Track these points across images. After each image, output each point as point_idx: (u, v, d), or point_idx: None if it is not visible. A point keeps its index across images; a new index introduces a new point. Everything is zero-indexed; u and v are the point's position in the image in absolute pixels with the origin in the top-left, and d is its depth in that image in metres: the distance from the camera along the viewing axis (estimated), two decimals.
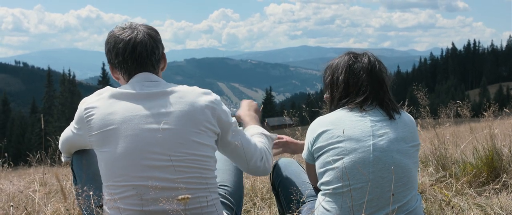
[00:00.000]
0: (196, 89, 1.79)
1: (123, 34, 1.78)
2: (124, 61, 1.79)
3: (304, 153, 1.98)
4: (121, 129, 1.66)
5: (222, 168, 2.11)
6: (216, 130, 1.78)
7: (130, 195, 1.63)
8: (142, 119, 1.67)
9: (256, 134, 2.05)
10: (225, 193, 2.01)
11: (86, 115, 1.71)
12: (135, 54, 1.78)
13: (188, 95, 1.74)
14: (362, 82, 1.88)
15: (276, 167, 2.24)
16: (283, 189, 2.14)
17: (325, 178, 1.83)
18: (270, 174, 2.27)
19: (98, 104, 1.71)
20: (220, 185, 2.03)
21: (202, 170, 1.71)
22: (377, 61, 1.94)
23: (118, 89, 1.75)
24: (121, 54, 1.79)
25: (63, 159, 2.16)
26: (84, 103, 1.75)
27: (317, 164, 1.88)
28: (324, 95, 2.06)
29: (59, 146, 2.06)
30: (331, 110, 1.96)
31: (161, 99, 1.72)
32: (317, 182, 1.94)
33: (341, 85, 1.90)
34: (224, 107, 1.83)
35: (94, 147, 1.74)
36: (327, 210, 1.81)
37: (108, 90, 1.76)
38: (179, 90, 1.75)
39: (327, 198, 1.81)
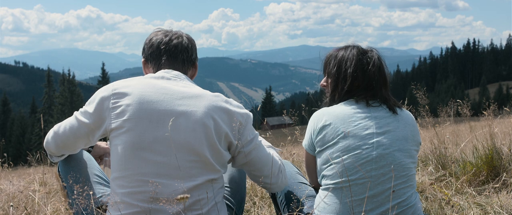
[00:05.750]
0: (229, 103, 1.77)
1: (161, 31, 1.92)
2: (158, 50, 1.87)
3: (305, 143, 1.98)
4: (151, 119, 1.63)
5: None
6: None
7: (141, 191, 1.61)
8: (166, 115, 1.64)
9: None
10: (226, 194, 2.00)
11: (114, 100, 1.66)
12: (170, 46, 1.86)
13: (217, 104, 1.72)
14: (371, 77, 1.89)
15: None
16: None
17: (327, 173, 1.85)
18: None
19: (129, 91, 1.67)
20: None
21: (212, 167, 1.71)
22: (383, 59, 1.96)
23: (153, 80, 1.73)
24: (156, 45, 1.87)
25: (55, 160, 1.99)
26: (110, 90, 1.69)
27: (320, 159, 1.89)
28: (322, 83, 2.05)
29: (50, 144, 1.84)
30: (333, 100, 1.95)
31: (192, 100, 1.68)
32: (316, 174, 1.96)
33: (350, 79, 1.90)
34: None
35: (114, 132, 1.66)
36: (328, 205, 1.83)
37: (140, 78, 1.75)
38: (207, 95, 1.73)
39: (329, 193, 1.83)
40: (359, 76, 1.89)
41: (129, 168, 1.63)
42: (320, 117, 1.88)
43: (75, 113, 1.78)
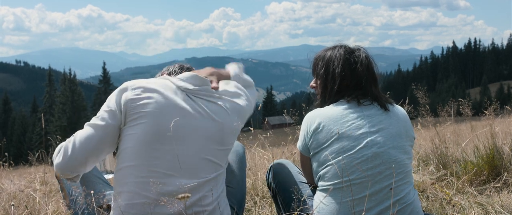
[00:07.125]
0: (236, 93, 1.88)
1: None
2: (187, 69, 2.05)
3: (299, 144, 1.98)
4: (173, 114, 1.67)
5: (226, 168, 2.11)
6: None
7: (152, 182, 1.63)
8: (185, 113, 1.70)
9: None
10: (227, 193, 2.01)
11: (135, 91, 1.68)
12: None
13: (233, 99, 1.83)
14: (359, 76, 1.90)
15: (271, 169, 2.24)
16: (280, 190, 2.14)
17: (323, 174, 1.85)
18: (266, 176, 2.28)
19: (151, 86, 1.71)
20: None
21: (218, 166, 1.76)
22: (371, 57, 1.97)
23: (177, 82, 1.79)
24: (185, 69, 2.06)
25: (76, 180, 1.78)
26: (128, 84, 1.72)
27: (315, 161, 1.90)
28: (312, 84, 2.05)
29: (70, 164, 1.68)
30: (324, 101, 1.96)
31: (211, 100, 1.78)
32: (312, 175, 1.96)
33: (338, 79, 1.90)
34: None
35: (131, 122, 1.66)
36: (327, 205, 1.83)
37: (160, 79, 1.79)
38: (224, 97, 1.82)
39: (327, 194, 1.83)
40: (347, 76, 1.89)
41: (145, 158, 1.64)
42: (313, 118, 1.88)
43: (87, 123, 1.72)
